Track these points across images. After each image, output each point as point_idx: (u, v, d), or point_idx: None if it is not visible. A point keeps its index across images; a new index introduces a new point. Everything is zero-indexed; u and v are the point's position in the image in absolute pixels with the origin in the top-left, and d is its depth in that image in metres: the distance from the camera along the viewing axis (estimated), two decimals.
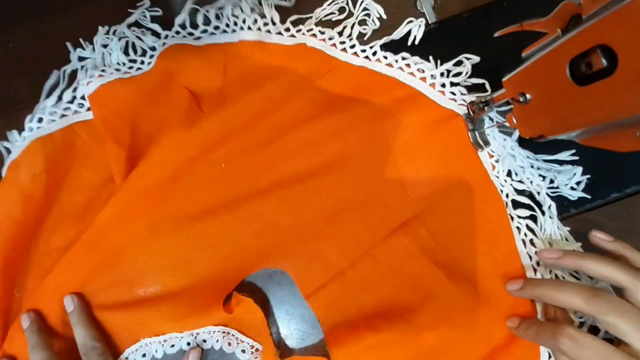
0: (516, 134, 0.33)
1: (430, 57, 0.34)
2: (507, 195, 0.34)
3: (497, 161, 0.34)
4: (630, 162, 0.34)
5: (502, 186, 0.34)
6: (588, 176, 0.33)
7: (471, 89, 0.34)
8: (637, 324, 0.26)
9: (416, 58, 0.35)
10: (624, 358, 0.26)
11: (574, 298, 0.28)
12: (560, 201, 0.34)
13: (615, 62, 0.19)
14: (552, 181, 0.33)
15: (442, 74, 0.34)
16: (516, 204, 0.34)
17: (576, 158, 0.33)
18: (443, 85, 0.34)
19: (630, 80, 0.19)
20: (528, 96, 0.25)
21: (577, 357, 0.27)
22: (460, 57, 0.34)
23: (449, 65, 0.34)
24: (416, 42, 0.35)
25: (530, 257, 0.33)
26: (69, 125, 0.35)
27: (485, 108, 0.31)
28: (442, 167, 0.34)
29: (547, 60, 0.23)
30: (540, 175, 0.33)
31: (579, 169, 0.33)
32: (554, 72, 0.23)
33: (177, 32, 0.36)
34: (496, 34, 0.31)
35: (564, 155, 0.33)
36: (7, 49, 0.37)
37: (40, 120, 0.35)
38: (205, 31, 0.36)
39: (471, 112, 0.33)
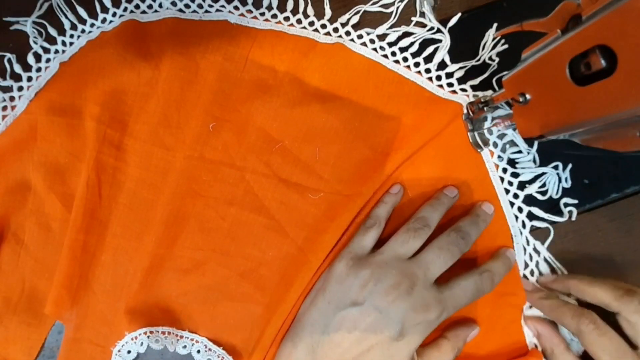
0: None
1: (435, 57, 0.35)
2: (511, 201, 0.34)
3: (500, 159, 0.34)
4: (630, 162, 0.34)
5: (503, 186, 0.34)
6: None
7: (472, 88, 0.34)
8: None
9: (421, 58, 0.35)
10: (635, 358, 0.27)
11: (604, 294, 0.29)
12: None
13: (614, 63, 0.19)
14: (544, 184, 0.33)
15: (447, 75, 0.34)
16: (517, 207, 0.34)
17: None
18: (450, 85, 0.34)
19: (629, 81, 0.19)
20: (528, 96, 0.25)
21: (593, 341, 0.28)
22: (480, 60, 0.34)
23: (454, 67, 0.34)
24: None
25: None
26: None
27: (485, 108, 0.31)
28: (442, 167, 0.34)
29: (546, 60, 0.23)
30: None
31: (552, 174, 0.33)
32: (554, 72, 0.23)
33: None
34: (496, 34, 0.31)
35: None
36: None
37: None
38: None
39: (471, 113, 0.33)
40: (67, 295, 0.33)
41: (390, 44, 0.35)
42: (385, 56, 0.35)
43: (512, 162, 0.34)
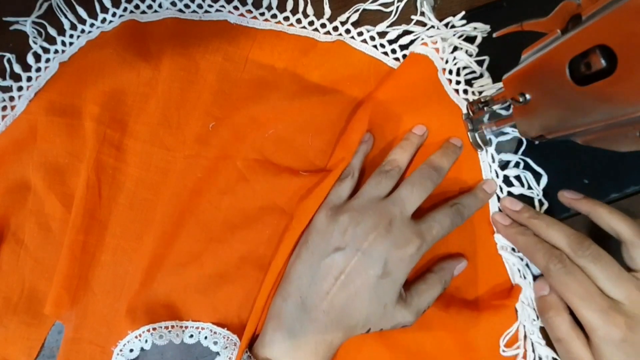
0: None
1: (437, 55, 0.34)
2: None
3: (493, 161, 0.34)
4: (630, 162, 0.34)
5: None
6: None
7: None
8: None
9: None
10: (604, 299, 0.27)
11: (625, 226, 0.29)
12: (560, 201, 0.34)
13: (614, 63, 0.19)
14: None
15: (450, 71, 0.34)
16: None
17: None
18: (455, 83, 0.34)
19: (629, 81, 0.19)
20: (528, 96, 0.25)
21: (559, 280, 0.28)
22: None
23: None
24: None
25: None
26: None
27: (485, 108, 0.31)
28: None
29: (546, 60, 0.23)
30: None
31: None
32: (554, 72, 0.23)
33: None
34: (496, 34, 0.31)
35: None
36: None
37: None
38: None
39: (471, 113, 0.33)
40: (66, 295, 0.33)
41: (390, 42, 0.35)
42: (385, 53, 0.35)
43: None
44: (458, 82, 0.34)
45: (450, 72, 0.34)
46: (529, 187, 0.34)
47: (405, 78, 0.33)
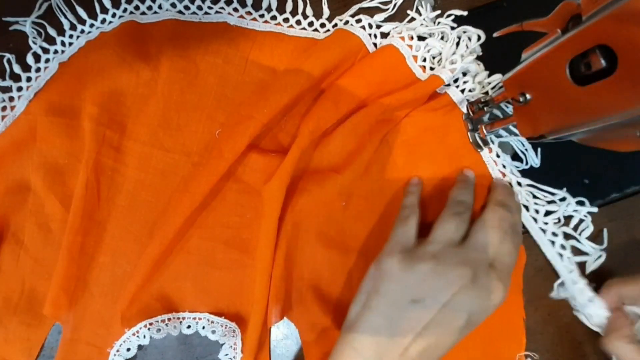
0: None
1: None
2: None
3: (498, 156, 0.34)
4: (630, 162, 0.34)
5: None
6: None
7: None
8: None
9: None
10: None
11: None
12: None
13: (614, 63, 0.19)
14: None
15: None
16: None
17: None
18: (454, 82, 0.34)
19: (629, 81, 0.19)
20: (528, 96, 0.25)
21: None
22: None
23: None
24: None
25: None
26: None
27: (485, 108, 0.31)
28: (442, 166, 0.34)
29: (546, 60, 0.23)
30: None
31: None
32: (554, 72, 0.23)
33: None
34: (496, 34, 0.31)
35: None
36: None
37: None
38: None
39: (471, 113, 0.33)
40: (64, 296, 0.33)
41: (384, 35, 0.35)
42: (375, 45, 0.35)
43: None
44: (432, 68, 0.34)
45: (425, 59, 0.34)
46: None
47: (371, 65, 0.33)
